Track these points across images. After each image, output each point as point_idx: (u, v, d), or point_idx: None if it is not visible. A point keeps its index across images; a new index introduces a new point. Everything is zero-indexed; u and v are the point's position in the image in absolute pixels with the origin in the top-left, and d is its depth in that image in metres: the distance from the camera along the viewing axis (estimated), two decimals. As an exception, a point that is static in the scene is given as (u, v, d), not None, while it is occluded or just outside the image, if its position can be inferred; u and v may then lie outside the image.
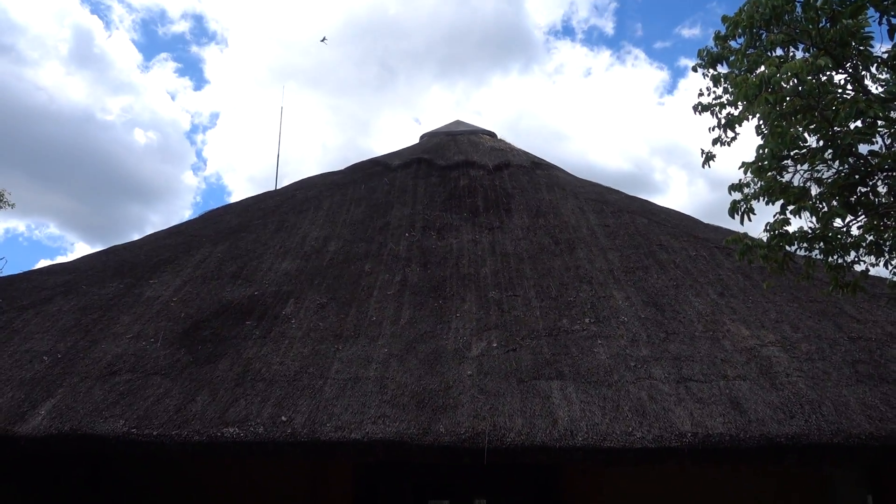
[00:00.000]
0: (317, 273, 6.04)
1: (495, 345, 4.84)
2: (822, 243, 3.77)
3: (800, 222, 8.60)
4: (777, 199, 3.49)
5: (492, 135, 9.70)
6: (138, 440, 3.99)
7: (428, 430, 4.00)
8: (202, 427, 4.04)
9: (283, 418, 4.10)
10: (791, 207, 3.49)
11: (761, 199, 3.54)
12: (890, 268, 3.91)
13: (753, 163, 3.43)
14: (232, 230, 6.93)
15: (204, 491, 5.39)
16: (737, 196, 3.61)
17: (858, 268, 4.16)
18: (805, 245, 4.00)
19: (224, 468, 5.35)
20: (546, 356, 4.69)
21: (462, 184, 7.84)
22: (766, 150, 3.30)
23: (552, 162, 8.86)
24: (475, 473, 5.53)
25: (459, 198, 7.52)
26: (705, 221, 7.40)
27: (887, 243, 3.81)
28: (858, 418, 4.09)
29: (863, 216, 3.85)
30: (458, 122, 10.21)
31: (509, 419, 4.07)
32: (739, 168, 3.53)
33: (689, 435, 3.96)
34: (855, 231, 3.93)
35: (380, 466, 5.40)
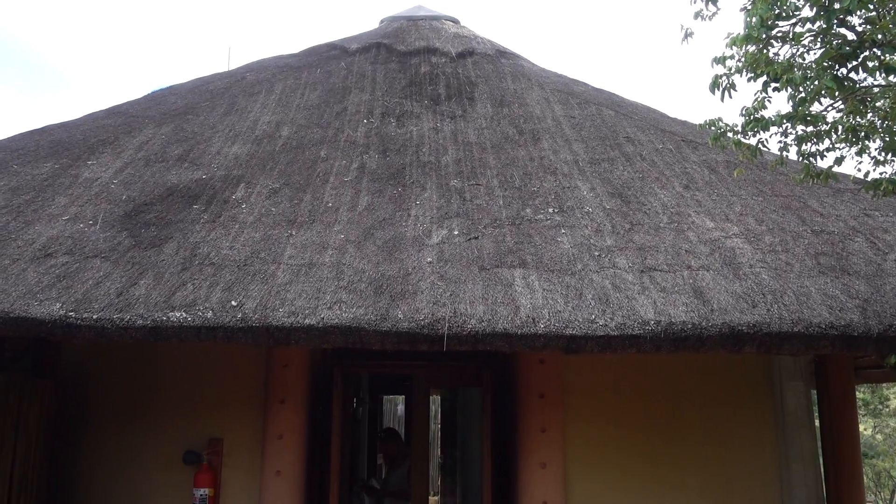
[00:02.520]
0: (269, 158, 5.72)
1: (456, 233, 4.66)
2: (799, 127, 3.62)
3: (779, 105, 8.43)
4: (761, 74, 3.30)
5: (455, 21, 9.21)
6: (77, 324, 3.76)
7: (386, 317, 3.85)
8: (146, 311, 3.82)
9: (234, 303, 3.90)
10: (774, 85, 3.30)
11: (744, 73, 3.34)
12: (866, 154, 3.80)
13: (738, 35, 3.21)
14: (177, 112, 6.49)
15: (155, 369, 5.23)
16: (719, 70, 3.40)
17: (831, 156, 4.05)
18: (780, 131, 3.86)
19: (175, 349, 5.17)
20: (508, 245, 4.55)
21: (423, 70, 7.45)
22: (754, 16, 3.07)
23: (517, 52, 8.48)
24: (428, 369, 5.47)
25: (420, 85, 7.16)
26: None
27: (864, 128, 3.68)
28: (819, 308, 4.07)
29: (840, 101, 3.71)
30: (419, 7, 9.66)
31: (470, 306, 3.94)
32: (724, 39, 3.31)
33: (652, 323, 3.90)
34: (832, 117, 3.80)
35: (337, 357, 5.30)
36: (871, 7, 3.01)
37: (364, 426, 9.76)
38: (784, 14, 3.13)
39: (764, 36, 3.21)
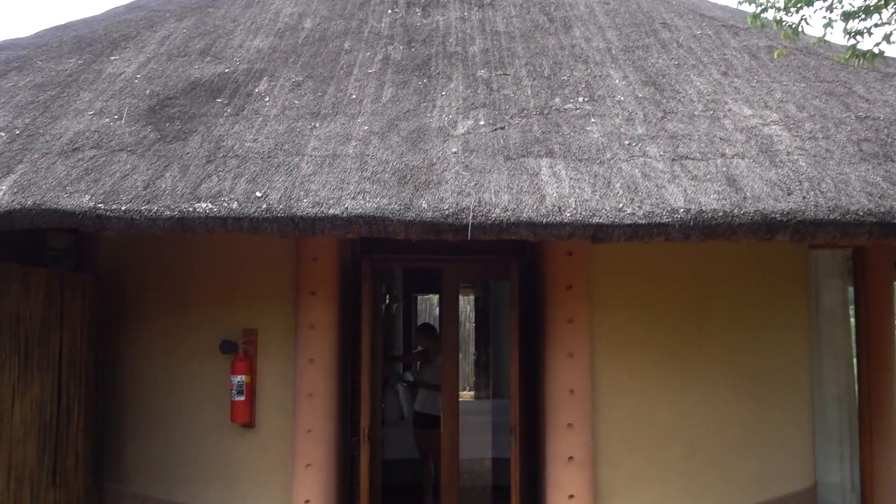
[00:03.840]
0: (292, 51, 5.60)
1: (482, 123, 4.56)
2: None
3: None
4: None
5: None
6: (107, 215, 3.82)
7: (410, 206, 3.83)
8: (173, 202, 3.86)
9: (258, 194, 3.90)
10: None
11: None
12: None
13: None
14: (198, 6, 6.35)
15: (191, 265, 5.35)
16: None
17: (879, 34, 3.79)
18: (825, 5, 3.62)
19: (208, 244, 5.27)
20: (536, 134, 4.44)
21: (450, -44, 7.11)
22: None
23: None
24: (457, 263, 5.48)
25: (447, -28, 6.84)
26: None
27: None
28: (858, 195, 3.93)
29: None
30: None
31: (495, 195, 3.89)
32: None
33: (681, 211, 3.81)
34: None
35: (365, 250, 5.33)
36: None
37: (399, 322, 9.97)
38: None
39: None
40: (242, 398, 4.95)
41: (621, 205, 3.85)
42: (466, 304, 14.83)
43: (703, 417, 5.15)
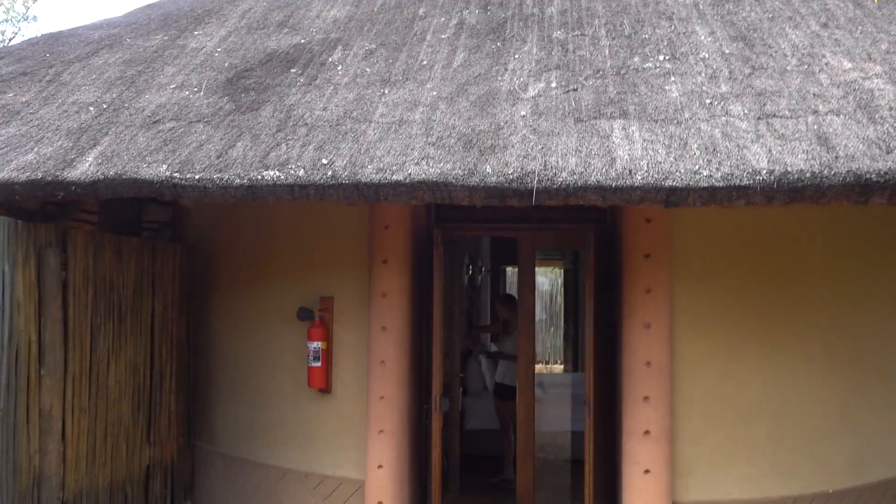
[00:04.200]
0: (367, 20, 5.59)
1: (554, 85, 4.40)
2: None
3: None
4: None
5: None
6: (181, 184, 3.95)
7: (474, 171, 3.75)
8: (242, 171, 3.94)
9: (324, 161, 3.93)
10: None
11: None
12: None
13: None
14: (279, -21, 6.43)
15: (272, 235, 5.50)
16: None
17: None
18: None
19: (287, 214, 5.40)
20: (610, 95, 4.24)
21: (531, -84, 6.88)
22: None
23: None
24: (532, 232, 5.36)
25: (527, -68, 6.63)
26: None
27: None
28: (970, 153, 3.54)
29: None
30: None
31: (562, 158, 3.75)
32: None
33: (763, 172, 3.55)
34: None
35: (438, 219, 5.30)
36: None
37: (486, 294, 9.93)
38: None
39: None
40: (318, 364, 5.06)
41: (697, 167, 3.62)
42: (557, 277, 14.64)
43: (794, 395, 4.85)
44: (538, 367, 14.33)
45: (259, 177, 3.89)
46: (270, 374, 5.45)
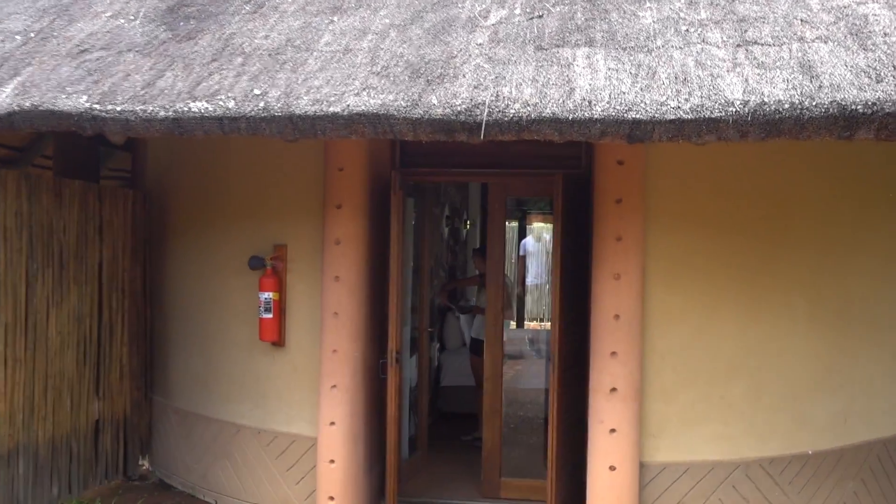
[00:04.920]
0: (326, -54, 5.16)
1: (518, 12, 4.01)
2: None
3: None
4: None
5: None
6: (101, 116, 3.61)
7: (418, 103, 3.40)
8: (168, 102, 3.59)
9: (257, 92, 3.58)
10: None
11: None
12: None
13: None
14: None
15: (226, 179, 5.18)
16: None
17: None
18: None
19: (240, 157, 5.08)
20: (577, 22, 3.85)
21: None
22: None
23: None
24: (501, 177, 5.01)
25: None
26: None
27: None
28: (970, 83, 3.16)
29: None
30: None
31: (516, 89, 3.39)
32: None
33: (737, 103, 3.18)
34: None
35: (403, 164, 4.96)
36: None
37: (466, 246, 9.61)
38: None
39: None
40: (270, 316, 4.77)
41: (665, 98, 3.26)
42: (546, 233, 14.26)
43: (774, 351, 4.54)
44: (534, 325, 14.13)
45: (185, 108, 3.55)
46: (225, 327, 5.17)
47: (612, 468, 4.28)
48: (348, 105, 3.42)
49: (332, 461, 4.56)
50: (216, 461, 5.19)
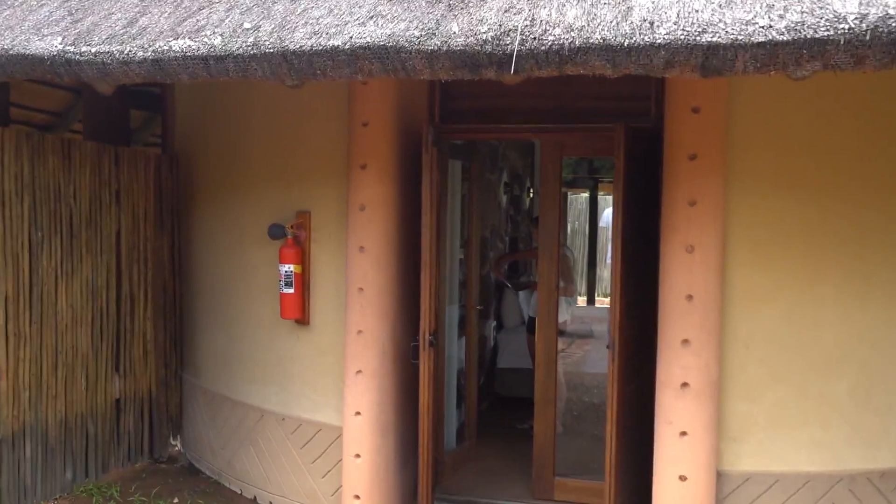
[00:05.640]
0: None
1: (568, -76, 3.27)
2: None
3: None
4: None
5: None
6: (75, 59, 3.13)
7: (434, 32, 2.74)
8: (147, 42, 3.07)
9: (247, 25, 3.00)
10: None
11: None
12: None
13: None
14: None
15: (249, 141, 4.68)
16: None
17: None
18: None
19: (264, 115, 4.57)
20: (641, -68, 3.09)
21: None
22: None
23: None
24: (555, 133, 4.30)
25: None
26: None
27: None
28: None
29: None
30: None
31: (557, 10, 2.68)
32: None
33: (851, 18, 2.38)
34: None
35: (443, 119, 4.33)
36: None
37: (530, 217, 8.87)
38: None
39: None
40: (291, 291, 4.26)
41: (752, 15, 2.49)
42: (604, 203, 13.35)
43: (887, 340, 3.70)
44: (604, 302, 13.29)
45: (166, 48, 3.01)
46: (247, 303, 4.71)
47: (683, 478, 3.58)
48: (350, 37, 2.80)
49: (357, 455, 4.03)
50: (241, 447, 4.76)
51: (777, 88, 3.52)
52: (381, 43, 2.74)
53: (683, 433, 3.56)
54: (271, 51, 2.87)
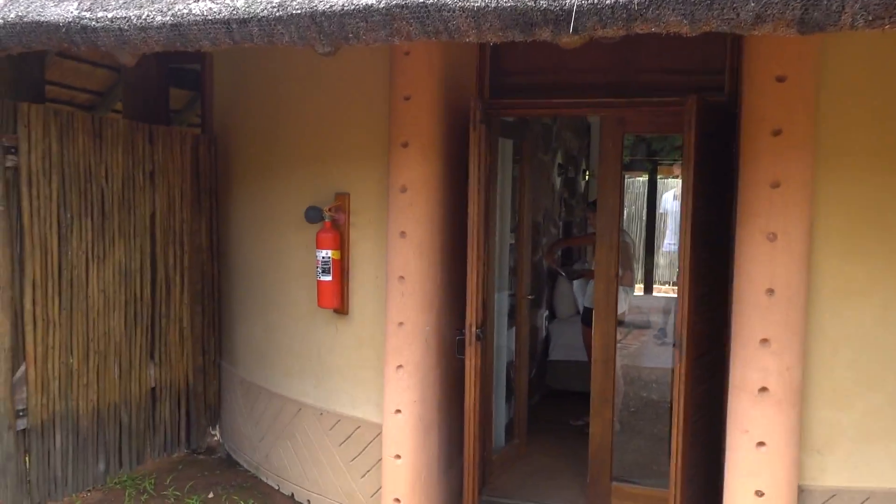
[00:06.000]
0: None
1: None
2: None
3: None
4: None
5: None
6: (91, 25, 2.87)
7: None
8: (167, 5, 2.79)
9: (274, -16, 2.70)
10: None
11: None
12: None
13: None
14: None
15: (287, 116, 4.43)
16: None
17: None
18: None
19: (300, 87, 4.29)
20: None
21: None
22: None
23: None
24: (618, 108, 3.90)
25: None
26: None
27: None
28: None
29: None
30: None
31: (626, -43, 2.30)
32: None
33: None
34: None
35: (494, 93, 3.99)
36: None
37: (583, 200, 8.45)
38: None
39: None
40: (329, 279, 3.98)
41: (865, -45, 2.07)
42: (665, 188, 12.76)
43: None
44: (665, 290, 12.75)
45: (186, 11, 2.73)
46: (285, 290, 4.46)
47: (760, 493, 3.18)
48: (389, -11, 2.46)
49: (397, 456, 3.74)
50: (278, 441, 4.54)
51: (876, 52, 3.06)
52: (419, 0, 2.40)
53: (761, 444, 3.16)
54: (298, 12, 2.56)
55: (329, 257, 3.97)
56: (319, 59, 2.94)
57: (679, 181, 13.06)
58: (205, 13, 2.70)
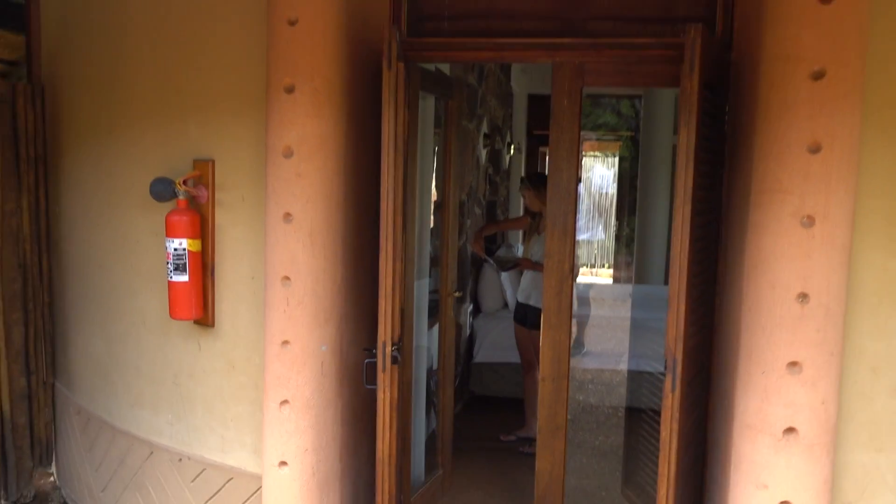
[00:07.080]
0: None
1: None
2: None
3: None
4: None
5: None
6: None
7: None
8: None
9: None
10: None
11: None
12: None
13: None
14: None
15: (127, 61, 3.22)
16: None
17: None
18: None
19: (147, 29, 3.10)
20: None
21: None
22: None
23: None
24: (577, 52, 2.94)
25: None
26: None
27: None
28: None
29: None
30: None
31: None
32: None
33: None
34: None
35: (412, 31, 2.95)
36: None
37: (510, 178, 7.56)
38: None
39: None
40: (185, 278, 2.86)
41: None
42: (609, 167, 12.15)
43: None
44: (588, 274, 12.10)
45: None
46: (132, 291, 3.29)
47: (780, 571, 2.33)
48: None
49: (282, 527, 2.69)
50: (126, 493, 3.39)
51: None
52: None
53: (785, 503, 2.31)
54: None
55: (184, 249, 2.84)
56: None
57: (586, 159, 12.38)
58: None
